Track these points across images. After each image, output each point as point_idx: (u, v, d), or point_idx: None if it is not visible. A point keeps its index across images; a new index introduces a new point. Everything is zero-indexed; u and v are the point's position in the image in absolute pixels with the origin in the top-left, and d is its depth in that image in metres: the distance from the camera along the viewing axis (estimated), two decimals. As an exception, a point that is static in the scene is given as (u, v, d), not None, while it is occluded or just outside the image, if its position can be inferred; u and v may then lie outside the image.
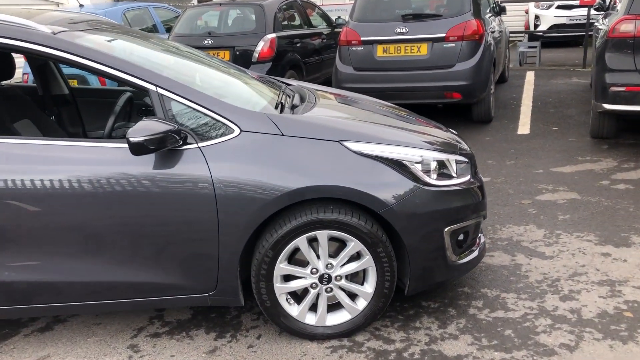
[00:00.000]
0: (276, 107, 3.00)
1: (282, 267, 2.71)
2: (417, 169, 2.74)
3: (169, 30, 9.43)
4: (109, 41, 3.14)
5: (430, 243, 2.77)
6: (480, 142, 6.24)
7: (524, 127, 6.81)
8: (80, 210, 2.58)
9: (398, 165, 2.71)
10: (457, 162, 2.93)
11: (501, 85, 9.24)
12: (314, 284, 2.76)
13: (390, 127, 3.03)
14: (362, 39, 6.79)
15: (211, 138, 2.64)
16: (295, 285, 2.77)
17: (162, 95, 2.63)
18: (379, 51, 6.74)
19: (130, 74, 2.62)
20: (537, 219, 4.16)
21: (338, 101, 3.62)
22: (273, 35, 7.67)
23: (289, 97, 3.35)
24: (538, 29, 13.35)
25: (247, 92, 3.32)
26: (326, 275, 2.74)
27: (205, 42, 7.73)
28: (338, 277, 2.75)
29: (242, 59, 7.55)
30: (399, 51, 6.69)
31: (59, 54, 2.61)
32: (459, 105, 7.11)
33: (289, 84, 3.86)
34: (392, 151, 2.73)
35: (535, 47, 11.59)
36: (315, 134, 2.69)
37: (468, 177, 2.96)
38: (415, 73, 6.64)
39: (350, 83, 6.80)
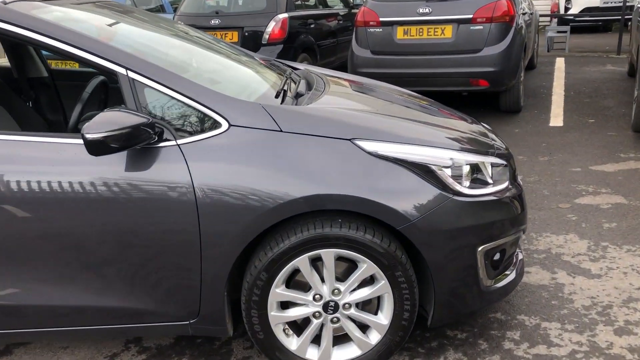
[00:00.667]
0: (277, 96, 2.49)
1: (278, 292, 2.22)
2: (446, 174, 2.22)
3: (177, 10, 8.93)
4: (83, 17, 2.65)
5: (460, 265, 2.26)
6: (509, 135, 5.67)
7: (556, 118, 6.23)
8: (34, 222, 2.11)
9: (423, 170, 2.19)
10: (493, 165, 2.41)
11: (530, 72, 8.63)
12: (317, 313, 2.27)
13: (412, 122, 2.51)
14: (380, 19, 6.23)
15: (193, 134, 2.14)
16: (294, 313, 2.28)
17: (133, 80, 2.14)
18: (399, 33, 6.19)
19: (94, 53, 2.13)
20: (579, 227, 3.63)
21: (352, 89, 3.10)
22: (285, 15, 7.13)
23: (295, 83, 2.84)
24: (569, 12, 12.61)
25: (246, 79, 2.82)
26: (332, 303, 2.25)
27: (213, 22, 7.21)
28: (346, 305, 2.26)
29: (251, 41, 7.03)
30: (421, 33, 6.13)
31: (6, 27, 2.12)
32: (485, 93, 6.54)
33: (296, 68, 3.34)
34: (416, 152, 2.22)
35: (564, 31, 10.91)
36: (322, 130, 2.19)
37: (506, 184, 2.44)
38: (438, 58, 6.08)
39: (366, 68, 6.26)
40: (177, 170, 2.11)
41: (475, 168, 2.34)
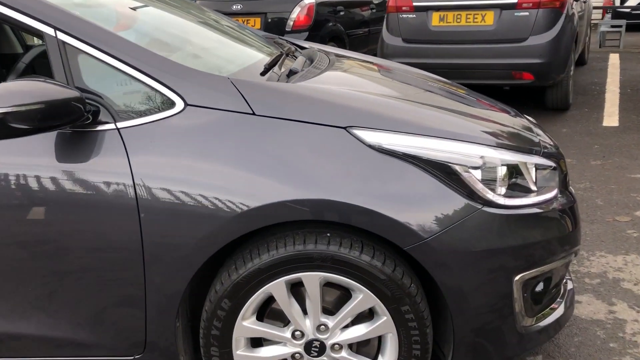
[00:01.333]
0: (263, 73, 1.96)
1: (246, 325, 1.69)
2: (475, 178, 1.66)
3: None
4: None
5: (490, 299, 1.69)
6: (556, 135, 5.00)
7: (610, 118, 5.52)
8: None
9: (443, 172, 1.64)
10: (537, 167, 1.83)
11: (580, 68, 7.87)
12: (297, 355, 1.73)
13: (435, 109, 1.94)
14: (414, 4, 5.63)
15: (137, 115, 1.64)
16: (267, 354, 1.75)
17: (63, 43, 1.64)
18: (435, 20, 5.57)
19: (11, 6, 1.63)
20: (641, 245, 2.99)
21: (367, 70, 2.54)
22: (311, 0, 6.61)
23: (293, 58, 2.31)
24: (625, 4, 11.69)
25: (234, 53, 2.30)
26: (317, 343, 1.71)
27: (234, 7, 6.72)
28: (336, 346, 1.72)
29: (274, 27, 6.52)
30: (458, 20, 5.50)
31: None
32: (530, 88, 5.87)
33: (303, 47, 2.81)
34: (435, 147, 1.66)
35: (619, 26, 10.04)
36: (307, 115, 1.65)
37: (554, 192, 1.85)
38: (477, 47, 5.44)
39: (398, 57, 5.64)
40: (115, 161, 1.60)
41: (514, 170, 1.76)
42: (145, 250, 1.62)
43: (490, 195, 1.67)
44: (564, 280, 2.07)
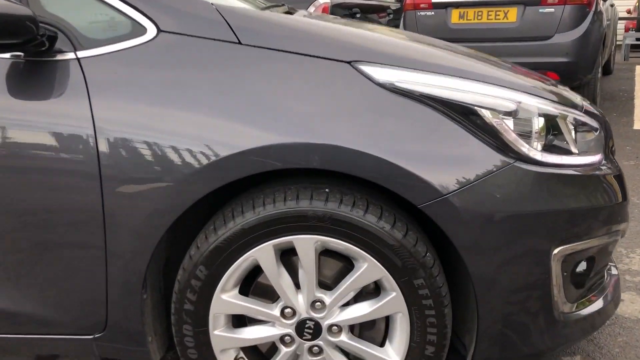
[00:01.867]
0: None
1: (225, 299, 1.40)
2: (507, 126, 1.37)
3: None
4: None
5: (523, 275, 1.39)
6: (583, 137, 4.68)
7: (641, 122, 5.19)
8: None
9: (468, 117, 1.35)
10: (579, 129, 1.53)
11: (606, 77, 7.54)
12: (287, 337, 1.43)
13: (461, 56, 1.65)
14: (433, 1, 5.39)
15: (101, 43, 1.37)
16: (251, 336, 1.45)
17: (19, -42, 1.39)
18: (454, 17, 5.31)
19: None
20: (686, 243, 2.65)
21: (382, 28, 2.26)
22: (326, 0, 6.39)
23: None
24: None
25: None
26: (311, 323, 1.41)
27: (247, 6, 6.55)
28: (334, 327, 1.42)
29: (287, 27, 6.31)
30: (480, 17, 5.24)
31: None
32: (555, 90, 5.56)
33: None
34: (459, 87, 1.37)
35: (645, 39, 9.70)
36: (304, 46, 1.38)
37: (599, 157, 1.55)
38: (500, 45, 5.14)
39: (414, 56, 5.41)
40: (73, 98, 1.34)
41: (551, 123, 1.47)
42: (106, 208, 1.35)
43: (524, 149, 1.37)
44: (608, 267, 1.76)
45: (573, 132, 1.52)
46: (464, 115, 1.35)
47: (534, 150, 1.38)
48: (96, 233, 1.35)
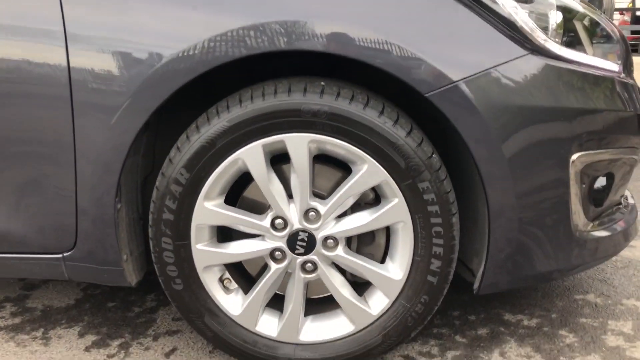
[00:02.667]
0: None
1: (209, 208, 1.26)
2: (522, 15, 1.23)
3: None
4: None
5: (538, 182, 1.25)
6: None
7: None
8: None
9: (480, 2, 1.21)
10: (596, 27, 1.41)
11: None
12: (277, 253, 1.29)
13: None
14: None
15: None
16: (238, 250, 1.30)
17: None
18: None
19: None
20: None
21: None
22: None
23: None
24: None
25: None
26: (304, 235, 1.27)
27: None
28: (329, 240, 1.27)
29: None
30: None
31: None
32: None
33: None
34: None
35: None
36: None
37: (618, 67, 1.42)
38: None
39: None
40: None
41: (569, 29, 1.34)
42: (74, 100, 1.20)
43: (541, 39, 1.24)
44: (625, 195, 1.63)
45: (589, 35, 1.39)
46: (479, 1, 1.21)
47: (550, 41, 1.25)
48: (63, 127, 1.21)
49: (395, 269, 1.28)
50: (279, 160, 1.28)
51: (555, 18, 1.30)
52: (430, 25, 1.19)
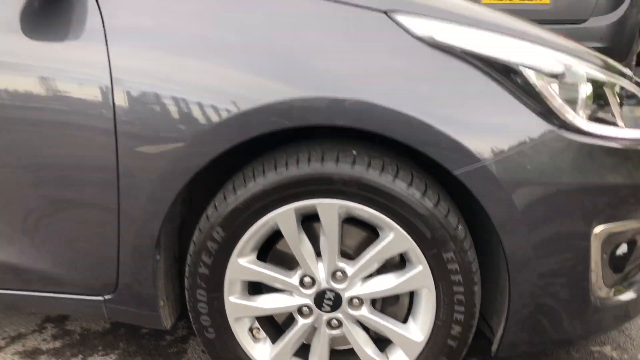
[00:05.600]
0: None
1: (242, 264, 1.33)
2: (553, 91, 1.26)
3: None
4: None
5: (560, 253, 1.29)
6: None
7: (675, 112, 4.99)
8: None
9: (512, 78, 1.24)
10: (627, 95, 1.43)
11: (638, 69, 7.30)
12: (305, 308, 1.35)
13: (503, 14, 1.54)
14: (464, -21, 5.22)
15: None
16: (268, 305, 1.37)
17: None
18: (485, -4, 5.15)
19: None
20: None
21: None
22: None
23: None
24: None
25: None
26: (331, 294, 1.33)
27: None
28: (355, 300, 1.34)
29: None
30: (511, -3, 5.07)
31: None
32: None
33: None
34: (504, 45, 1.27)
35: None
36: (337, -6, 1.28)
37: (646, 133, 1.44)
38: (531, 28, 5.00)
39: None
40: (88, 41, 1.26)
41: (598, 96, 1.36)
42: (120, 164, 1.27)
43: (570, 116, 1.27)
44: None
45: (620, 104, 1.41)
46: (507, 76, 1.24)
47: (579, 118, 1.28)
48: (109, 187, 1.28)
49: (417, 331, 1.34)
50: (309, 218, 1.34)
51: (586, 90, 1.32)
52: (462, 105, 1.23)
